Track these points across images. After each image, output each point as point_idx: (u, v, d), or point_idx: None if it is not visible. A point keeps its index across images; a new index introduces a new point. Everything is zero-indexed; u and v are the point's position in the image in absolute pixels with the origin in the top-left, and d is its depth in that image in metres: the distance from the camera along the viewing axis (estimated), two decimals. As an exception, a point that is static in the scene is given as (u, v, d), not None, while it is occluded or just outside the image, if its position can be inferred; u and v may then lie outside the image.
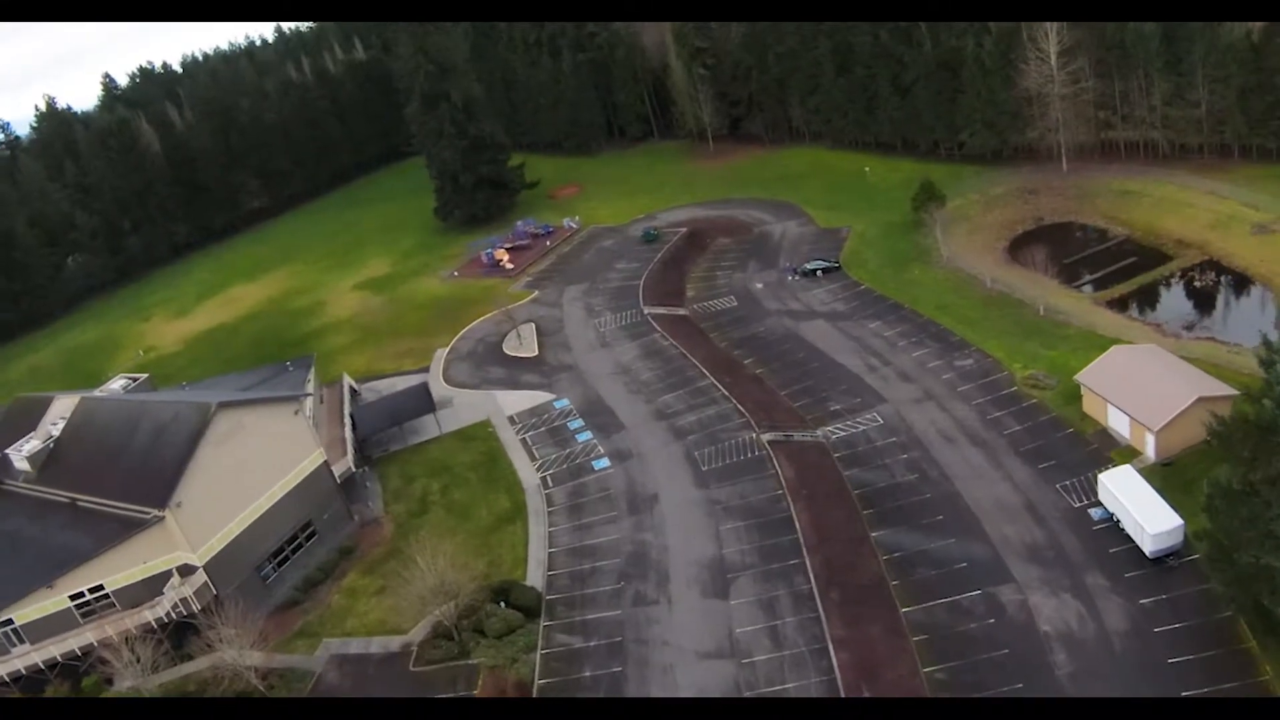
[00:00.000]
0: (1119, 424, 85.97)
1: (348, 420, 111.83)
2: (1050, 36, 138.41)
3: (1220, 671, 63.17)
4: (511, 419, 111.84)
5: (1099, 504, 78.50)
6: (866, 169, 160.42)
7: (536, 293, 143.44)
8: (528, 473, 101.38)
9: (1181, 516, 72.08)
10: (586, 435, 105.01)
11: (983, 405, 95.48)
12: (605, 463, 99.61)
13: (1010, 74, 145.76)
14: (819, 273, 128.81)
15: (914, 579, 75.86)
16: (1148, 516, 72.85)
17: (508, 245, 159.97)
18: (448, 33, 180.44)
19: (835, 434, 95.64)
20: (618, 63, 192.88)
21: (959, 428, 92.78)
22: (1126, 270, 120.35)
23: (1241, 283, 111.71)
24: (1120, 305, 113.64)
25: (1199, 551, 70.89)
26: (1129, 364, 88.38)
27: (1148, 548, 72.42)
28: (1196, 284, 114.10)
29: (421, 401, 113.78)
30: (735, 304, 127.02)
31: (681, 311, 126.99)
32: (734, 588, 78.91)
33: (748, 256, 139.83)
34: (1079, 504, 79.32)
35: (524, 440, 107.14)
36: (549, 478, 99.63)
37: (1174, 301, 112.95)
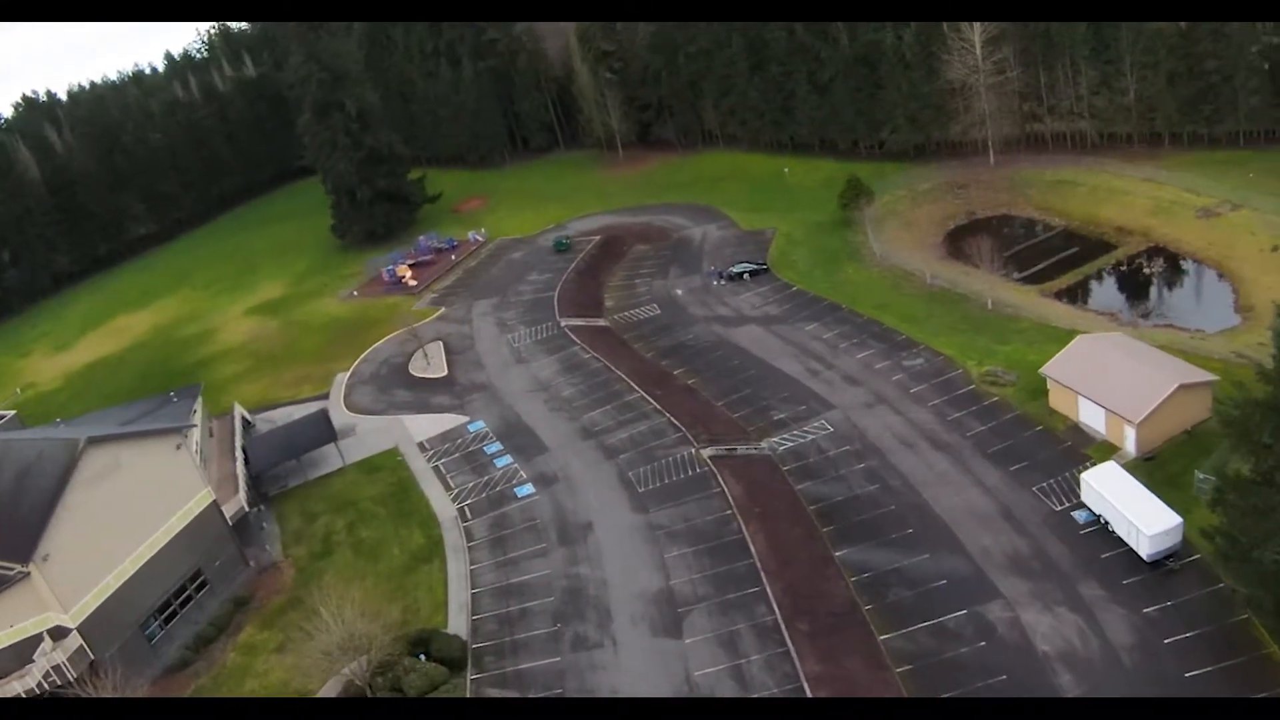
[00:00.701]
0: (1093, 418, 78.53)
1: (239, 454, 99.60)
2: (975, 26, 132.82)
3: (1243, 683, 55.52)
4: (422, 445, 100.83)
5: (1083, 506, 70.68)
6: (786, 169, 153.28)
7: (443, 309, 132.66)
8: (443, 504, 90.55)
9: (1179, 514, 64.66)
10: (506, 459, 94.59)
11: (940, 406, 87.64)
12: (529, 489, 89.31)
13: (933, 66, 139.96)
14: (746, 276, 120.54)
15: (889, 602, 66.97)
16: (1142, 516, 65.15)
17: (410, 261, 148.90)
18: (340, 38, 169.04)
19: (783, 445, 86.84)
20: (519, 70, 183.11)
21: (917, 431, 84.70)
22: (1070, 260, 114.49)
23: (1192, 268, 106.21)
24: (1069, 296, 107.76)
25: (1201, 551, 63.50)
26: (1097, 354, 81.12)
27: (1144, 550, 64.71)
28: (1146, 271, 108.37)
29: (321, 430, 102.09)
30: (659, 312, 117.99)
31: (601, 322, 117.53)
32: (687, 623, 69.15)
33: (668, 263, 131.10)
34: (1060, 506, 71.47)
35: (437, 468, 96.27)
36: (467, 509, 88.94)
37: (1124, 290, 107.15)
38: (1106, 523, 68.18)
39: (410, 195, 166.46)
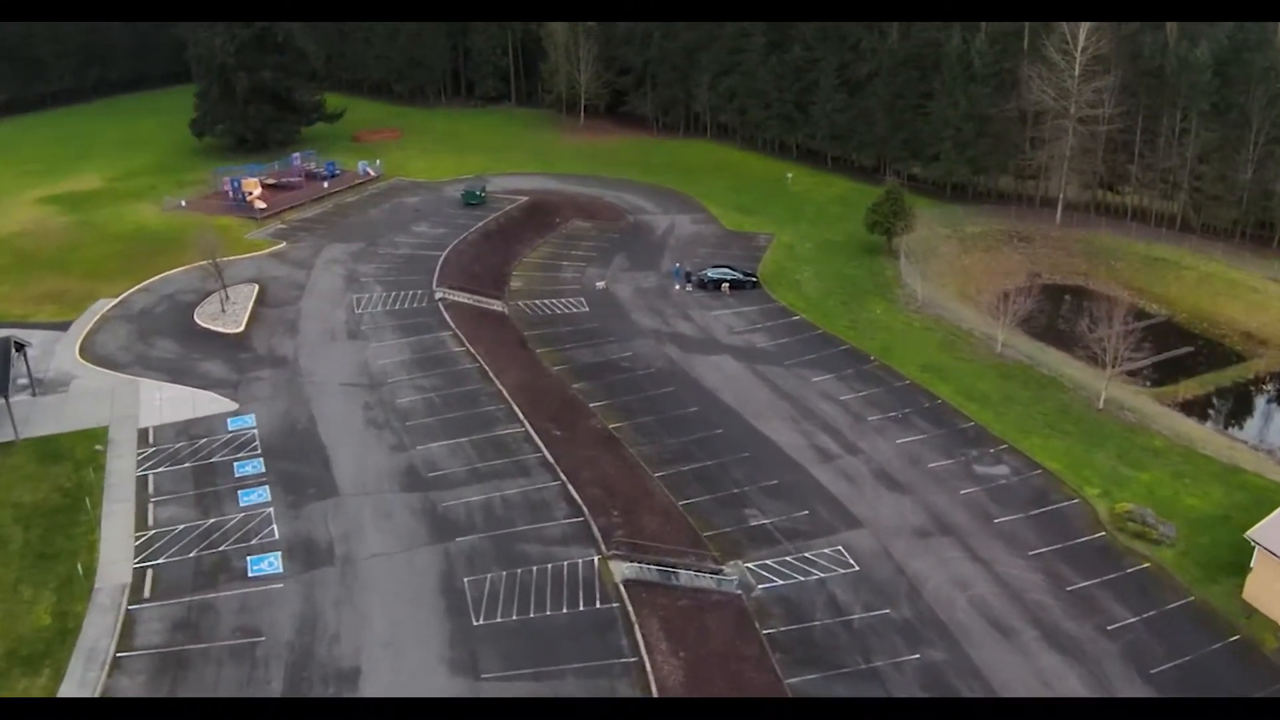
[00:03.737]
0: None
1: None
2: (1080, 36, 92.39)
3: None
4: (145, 435, 55.37)
5: None
6: (789, 174, 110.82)
7: (284, 244, 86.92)
8: (118, 552, 45.70)
9: None
10: (259, 494, 49.53)
11: (1049, 561, 45.88)
12: (274, 564, 44.45)
13: (1004, 82, 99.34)
14: (726, 286, 77.17)
15: None
16: None
17: (270, 180, 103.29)
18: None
19: (765, 583, 43.24)
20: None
21: (1016, 605, 42.46)
22: (1185, 363, 73.65)
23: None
24: (1200, 412, 66.42)
25: None
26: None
27: None
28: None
29: (-21, 373, 56.17)
30: (586, 309, 73.87)
31: (497, 306, 73.00)
32: None
33: (614, 249, 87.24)
34: None
35: (145, 479, 51.02)
36: (154, 573, 43.79)
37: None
38: None
39: (302, 103, 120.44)
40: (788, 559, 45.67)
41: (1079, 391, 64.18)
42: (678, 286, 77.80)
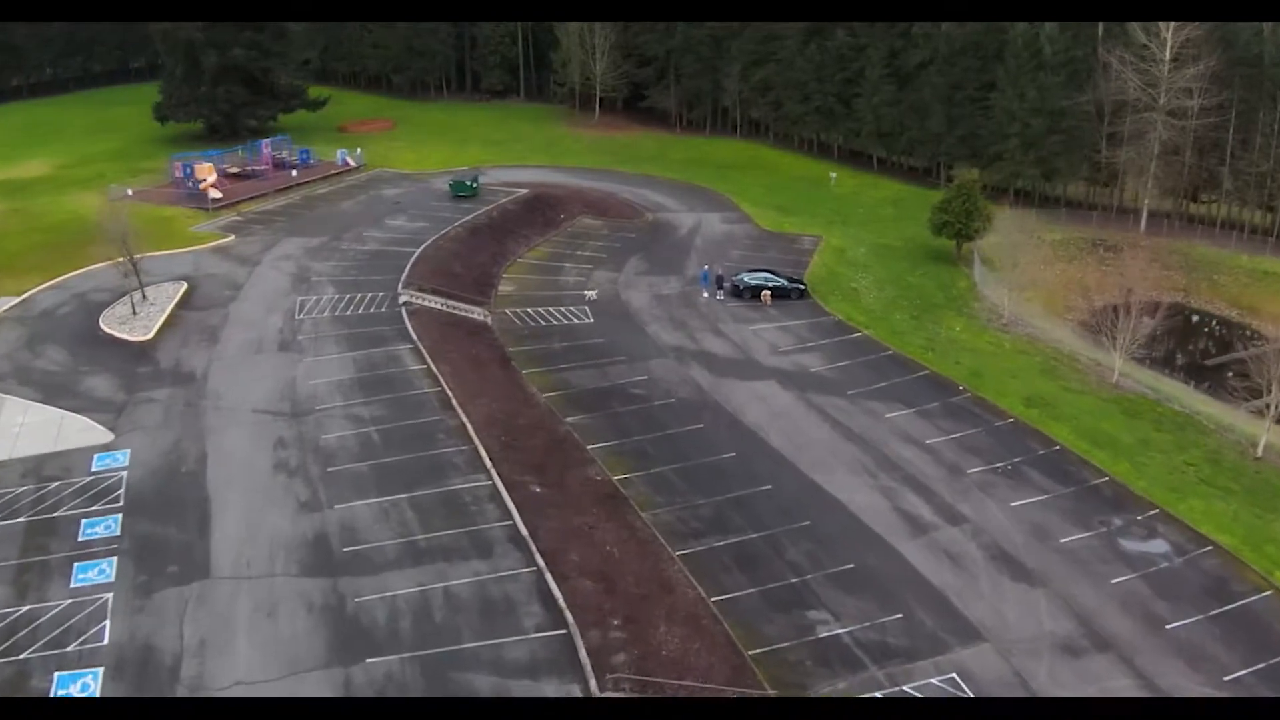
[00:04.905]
0: None
1: None
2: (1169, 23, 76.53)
3: None
4: (-19, 476, 39.77)
5: None
6: (832, 175, 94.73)
7: (231, 238, 71.28)
8: None
9: None
10: (101, 570, 33.43)
11: (1251, 690, 29.26)
12: (89, 687, 28.34)
13: (1078, 73, 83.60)
14: (766, 294, 60.99)
15: None
16: None
17: (233, 169, 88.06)
18: None
19: (854, 748, 26.88)
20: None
21: None
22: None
23: None
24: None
25: None
26: None
27: None
28: None
29: None
30: (589, 320, 57.68)
31: (478, 314, 56.87)
32: None
33: (629, 250, 71.24)
34: None
35: (-45, 544, 35.32)
36: None
37: None
38: None
39: (280, 87, 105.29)
40: (877, 695, 29.47)
41: (1225, 435, 47.68)
42: (705, 294, 61.66)
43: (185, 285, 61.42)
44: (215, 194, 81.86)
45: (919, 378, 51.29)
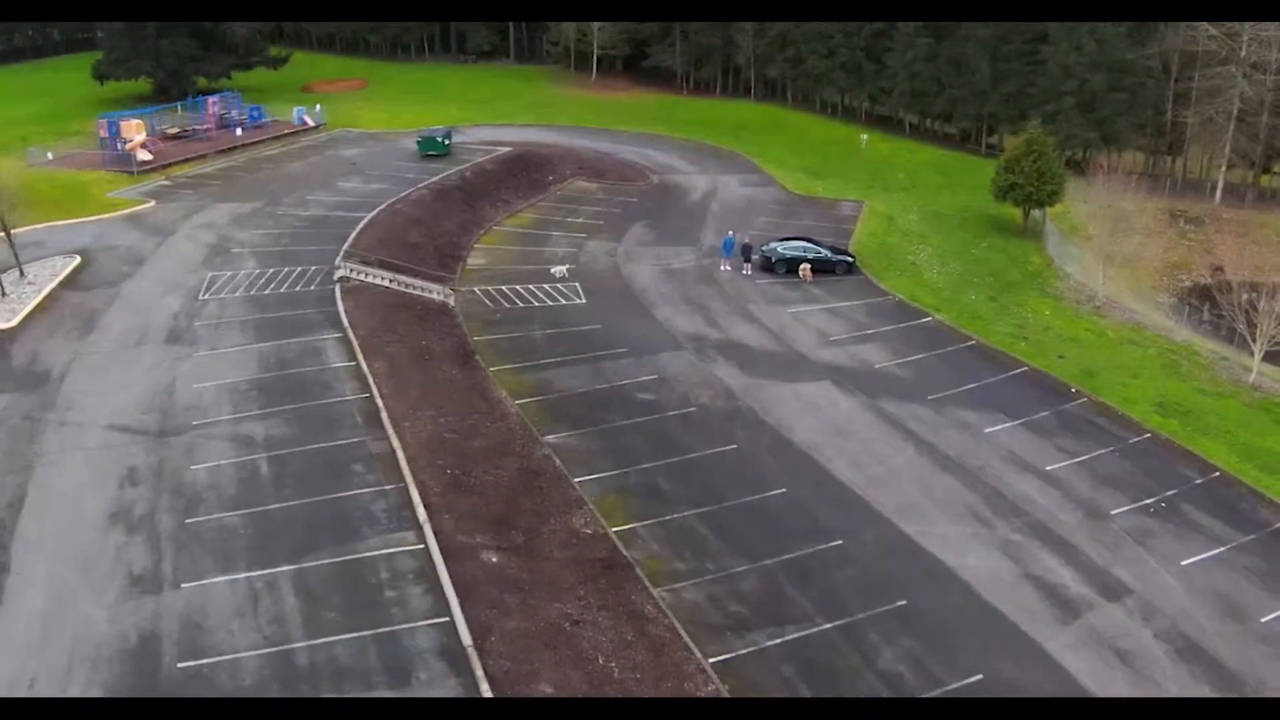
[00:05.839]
0: None
1: None
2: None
3: None
4: None
5: None
6: (863, 136, 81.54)
7: (151, 204, 58.30)
8: None
9: None
10: None
11: None
12: None
13: (1143, 23, 71.05)
14: (805, 268, 48.16)
15: None
16: None
17: (169, 130, 75.11)
18: None
19: None
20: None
21: None
22: None
23: None
24: None
25: None
26: None
27: None
28: None
29: None
30: (581, 300, 44.59)
31: (437, 293, 43.70)
32: None
33: (631, 216, 58.20)
34: None
35: None
36: None
37: None
38: None
39: (235, 41, 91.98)
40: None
41: None
42: (726, 267, 48.86)
43: (78, 260, 48.55)
44: (144, 156, 68.70)
45: (1016, 376, 38.41)
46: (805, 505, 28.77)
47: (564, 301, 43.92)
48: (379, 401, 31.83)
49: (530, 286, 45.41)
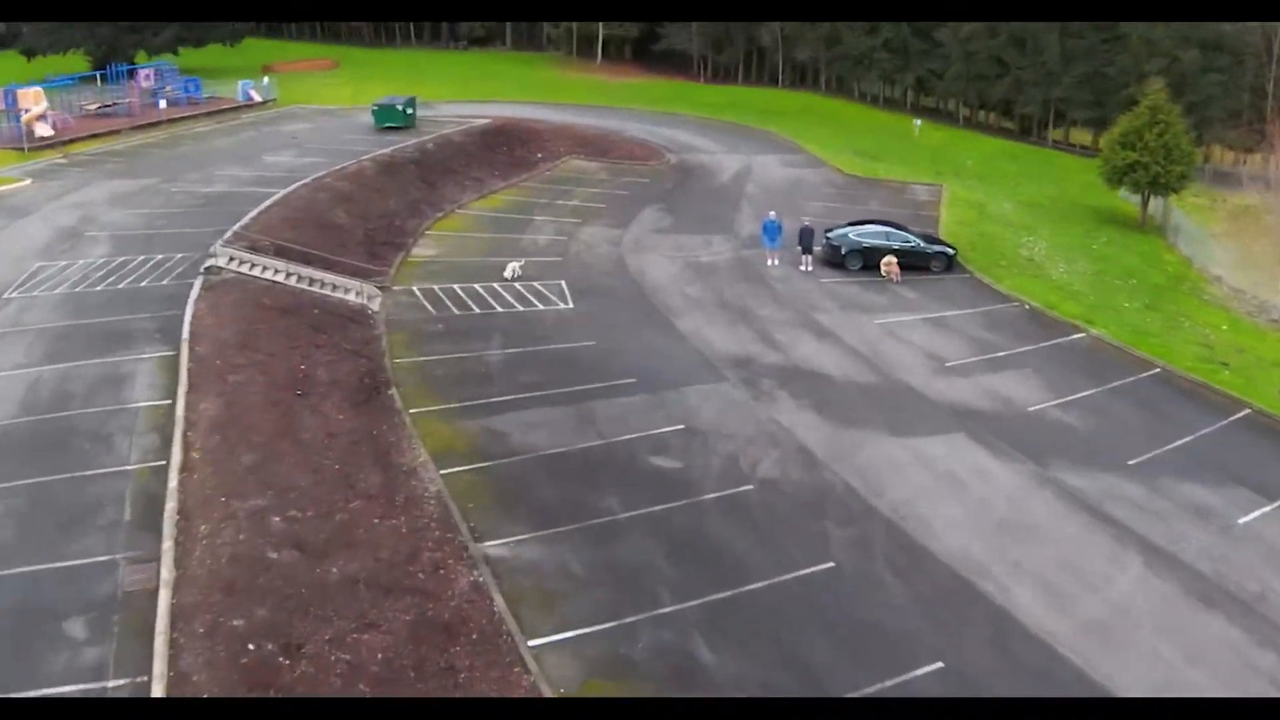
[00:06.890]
0: None
1: None
2: None
3: None
4: None
5: None
6: (916, 121, 67.47)
7: (28, 183, 44.78)
8: None
9: None
10: None
11: None
12: None
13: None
14: (890, 262, 34.30)
15: None
16: None
17: (89, 105, 61.74)
18: None
19: None
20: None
21: None
22: None
23: None
24: None
25: None
26: None
27: None
28: None
29: None
30: (567, 305, 30.63)
31: (354, 292, 29.89)
32: None
33: (641, 199, 43.91)
34: None
35: None
36: None
37: None
38: None
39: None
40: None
41: None
42: (773, 260, 34.89)
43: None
44: (43, 130, 55.06)
45: (1239, 424, 24.24)
46: (980, 688, 14.65)
47: (540, 306, 29.80)
48: (174, 478, 17.51)
49: (494, 285, 31.24)
